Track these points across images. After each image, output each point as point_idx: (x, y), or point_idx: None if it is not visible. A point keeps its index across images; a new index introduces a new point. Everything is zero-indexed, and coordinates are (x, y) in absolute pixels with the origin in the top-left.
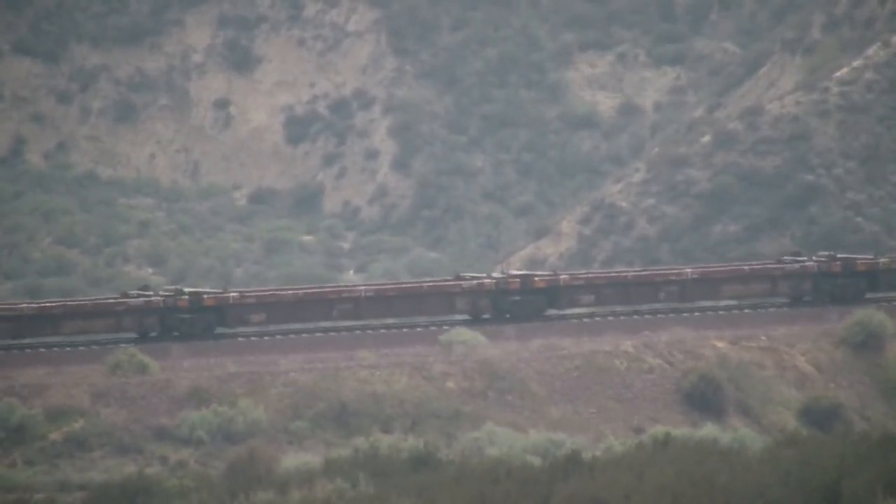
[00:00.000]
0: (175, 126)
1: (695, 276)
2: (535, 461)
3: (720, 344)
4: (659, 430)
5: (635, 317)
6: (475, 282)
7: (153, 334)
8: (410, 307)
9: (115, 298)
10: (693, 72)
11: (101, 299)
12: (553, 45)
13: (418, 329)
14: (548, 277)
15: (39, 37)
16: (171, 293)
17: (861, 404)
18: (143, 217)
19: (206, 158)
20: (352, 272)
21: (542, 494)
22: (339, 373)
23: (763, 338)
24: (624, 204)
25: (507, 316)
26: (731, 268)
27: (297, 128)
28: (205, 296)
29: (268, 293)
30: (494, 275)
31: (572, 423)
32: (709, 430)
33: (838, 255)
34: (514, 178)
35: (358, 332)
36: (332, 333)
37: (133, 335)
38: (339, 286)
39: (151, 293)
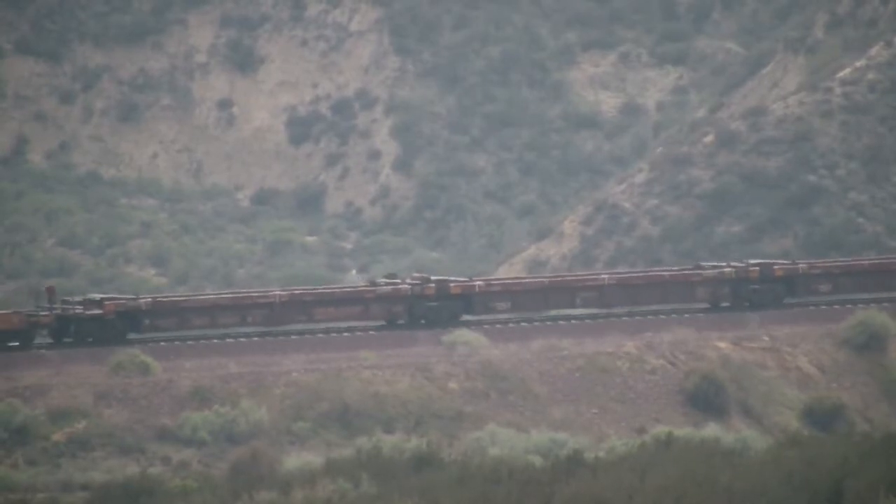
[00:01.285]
0: (178, 126)
1: None
2: (538, 461)
3: (722, 344)
4: (661, 430)
5: (860, 304)
6: (716, 271)
7: (400, 322)
8: (653, 295)
9: (364, 286)
10: (696, 71)
11: (350, 288)
12: (555, 44)
13: (420, 330)
14: (787, 266)
15: (41, 36)
16: (419, 281)
17: (864, 405)
18: (146, 217)
19: (209, 159)
20: (354, 272)
21: (545, 495)
22: (341, 373)
23: (765, 338)
24: (627, 204)
25: (747, 304)
26: None
27: (300, 128)
28: (451, 284)
29: (513, 281)
30: (734, 264)
31: (574, 424)
32: (711, 430)
33: None
34: (517, 177)
35: (360, 332)
36: (574, 321)
37: (381, 322)
38: (583, 274)
39: (398, 280)
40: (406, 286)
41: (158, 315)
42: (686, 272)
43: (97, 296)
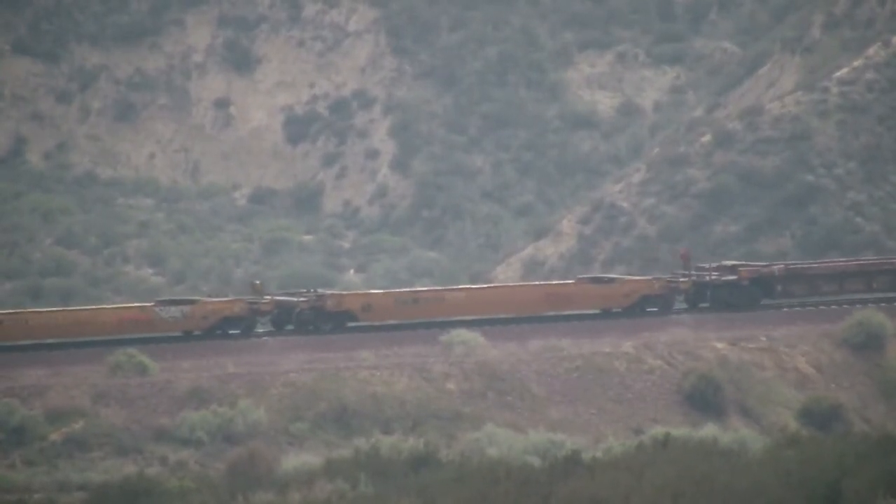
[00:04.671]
0: (175, 126)
1: None
2: (535, 462)
3: (720, 345)
4: (659, 430)
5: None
6: None
7: None
8: None
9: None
10: (692, 71)
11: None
12: (552, 44)
13: (418, 329)
14: None
15: (39, 36)
16: None
17: (861, 405)
18: (143, 217)
19: (206, 158)
20: (352, 272)
21: (542, 495)
22: (339, 373)
23: (763, 338)
24: (624, 204)
25: None
26: None
27: (297, 128)
28: None
29: None
30: None
31: (572, 424)
32: (709, 430)
33: None
34: (514, 177)
35: (358, 332)
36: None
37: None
38: None
39: None
40: None
41: (790, 281)
42: None
43: (731, 262)
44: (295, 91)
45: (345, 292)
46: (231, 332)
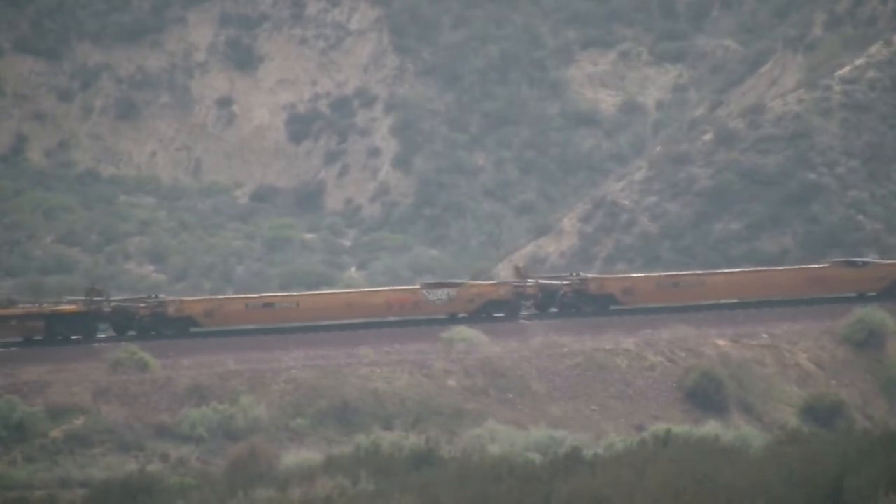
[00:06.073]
0: (177, 124)
1: None
2: (537, 459)
3: (721, 342)
4: (660, 427)
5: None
6: None
7: None
8: None
9: None
10: (695, 70)
11: None
12: (554, 42)
13: (420, 326)
14: None
15: (41, 35)
16: None
17: (863, 402)
18: (145, 215)
19: (208, 156)
20: (353, 270)
21: (544, 492)
22: (340, 370)
23: (764, 335)
24: (626, 201)
25: None
26: None
27: (299, 126)
28: None
29: None
30: None
31: (573, 421)
32: (710, 427)
33: None
34: (516, 175)
35: (360, 329)
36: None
37: None
38: None
39: None
40: None
41: None
42: None
43: None
44: (297, 89)
45: (606, 276)
46: (496, 314)
